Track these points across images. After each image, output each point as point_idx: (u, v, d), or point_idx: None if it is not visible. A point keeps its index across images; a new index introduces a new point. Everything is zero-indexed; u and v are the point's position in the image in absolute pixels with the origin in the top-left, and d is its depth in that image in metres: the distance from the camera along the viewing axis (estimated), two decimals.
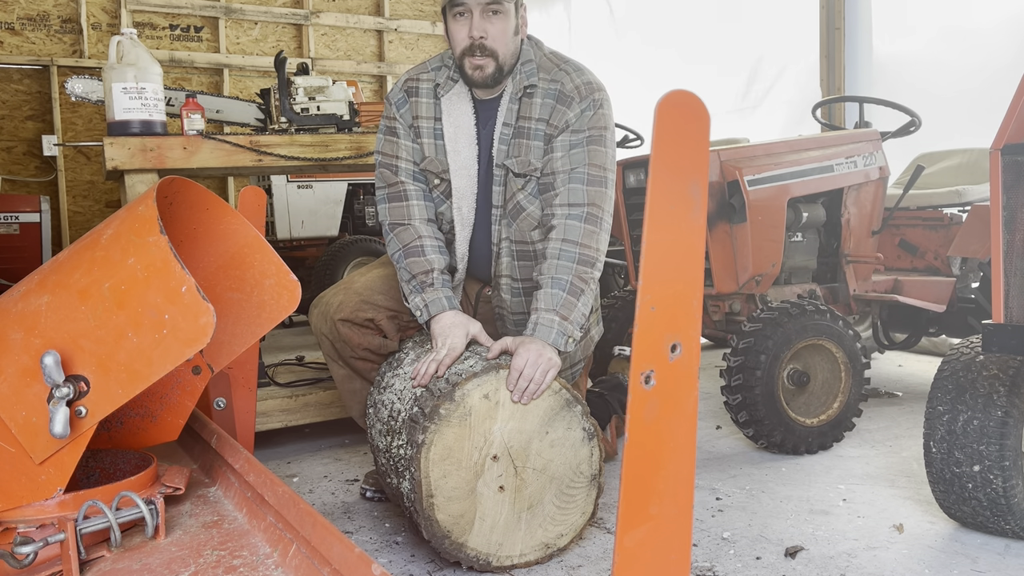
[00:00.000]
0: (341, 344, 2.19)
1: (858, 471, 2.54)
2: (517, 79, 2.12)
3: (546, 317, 1.94)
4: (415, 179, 2.19)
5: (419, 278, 2.07)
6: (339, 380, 2.28)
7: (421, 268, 2.08)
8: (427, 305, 2.03)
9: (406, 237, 2.13)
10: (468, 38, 2.05)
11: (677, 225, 0.96)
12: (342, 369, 2.26)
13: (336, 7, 7.56)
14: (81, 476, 1.57)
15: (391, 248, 2.16)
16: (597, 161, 2.07)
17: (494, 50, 2.06)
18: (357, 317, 2.16)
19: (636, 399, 0.95)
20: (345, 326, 2.17)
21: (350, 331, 2.17)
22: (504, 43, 2.07)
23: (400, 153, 2.19)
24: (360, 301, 2.17)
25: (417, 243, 2.11)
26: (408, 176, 2.18)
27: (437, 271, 2.08)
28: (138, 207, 1.43)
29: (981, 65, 4.10)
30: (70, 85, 3.48)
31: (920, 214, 3.54)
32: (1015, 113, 1.72)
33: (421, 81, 2.20)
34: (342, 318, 2.16)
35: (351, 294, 2.20)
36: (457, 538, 1.80)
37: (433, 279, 2.06)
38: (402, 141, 2.19)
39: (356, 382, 2.27)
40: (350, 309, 2.16)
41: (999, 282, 1.74)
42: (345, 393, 2.30)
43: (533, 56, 2.15)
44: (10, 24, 6.35)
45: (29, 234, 5.33)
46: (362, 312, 2.16)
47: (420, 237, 2.12)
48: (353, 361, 2.21)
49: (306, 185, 5.55)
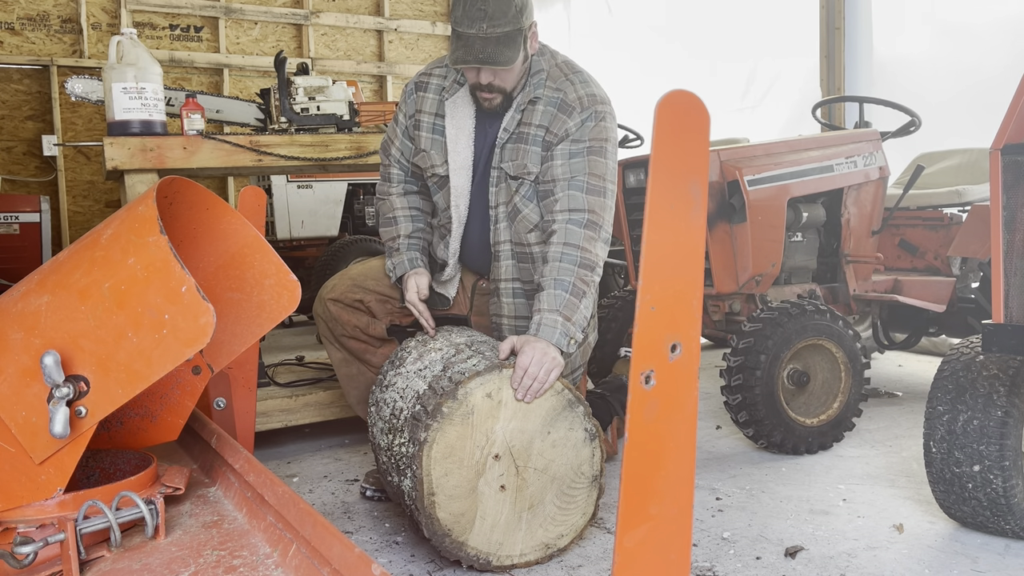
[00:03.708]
0: (333, 323, 2.35)
1: (858, 471, 2.54)
2: (526, 91, 2.15)
3: (549, 317, 1.94)
4: (399, 164, 2.37)
5: (389, 244, 2.31)
6: (336, 364, 2.42)
7: (390, 235, 2.32)
8: (395, 267, 2.27)
9: (384, 208, 2.37)
10: (476, 80, 2.10)
11: (677, 225, 0.96)
12: (338, 352, 2.40)
13: (336, 7, 7.56)
14: (81, 476, 1.57)
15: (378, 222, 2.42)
16: (597, 171, 2.09)
17: (502, 88, 2.11)
18: (347, 298, 2.34)
19: (636, 399, 0.95)
20: (335, 305, 2.34)
21: (340, 310, 2.34)
22: (512, 80, 2.11)
23: (395, 141, 2.36)
24: (352, 284, 2.35)
25: (391, 214, 2.34)
26: (395, 161, 2.37)
27: (403, 236, 2.30)
28: (138, 207, 1.43)
29: (981, 65, 4.10)
30: (70, 85, 3.48)
31: (920, 214, 3.54)
32: (1015, 113, 1.72)
33: (433, 76, 2.27)
34: (332, 298, 2.34)
35: (345, 279, 2.38)
36: (458, 537, 1.80)
37: (399, 244, 2.29)
38: (400, 132, 2.33)
39: (353, 366, 2.38)
40: (341, 291, 2.35)
41: (999, 282, 1.74)
42: (343, 378, 2.42)
43: (545, 65, 2.17)
44: (10, 24, 6.34)
45: (29, 234, 5.33)
46: (352, 294, 2.34)
47: (394, 208, 2.34)
48: (345, 340, 2.36)
49: (306, 185, 5.55)
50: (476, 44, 1.99)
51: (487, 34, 1.98)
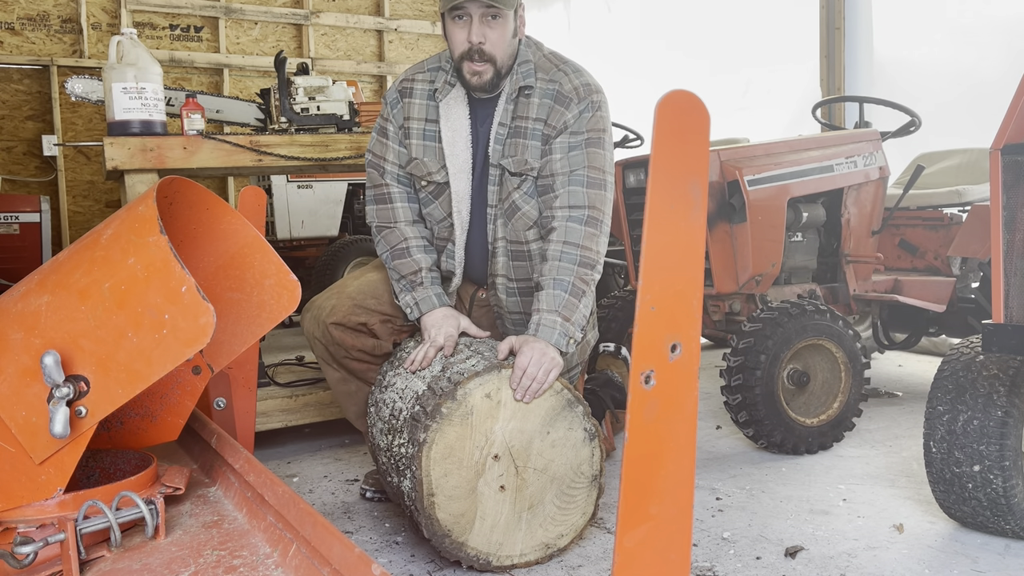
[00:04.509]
0: (335, 347, 2.19)
1: (858, 471, 2.54)
2: (514, 79, 2.12)
3: (548, 318, 1.94)
4: (399, 182, 2.23)
5: (408, 278, 2.13)
6: (334, 383, 2.28)
7: (409, 269, 2.13)
8: (417, 303, 2.09)
9: (392, 239, 2.19)
10: (467, 42, 2.05)
11: (677, 225, 0.96)
12: (336, 372, 2.26)
13: (336, 7, 7.56)
14: (81, 476, 1.57)
15: (380, 249, 2.21)
16: (596, 164, 2.08)
17: (492, 55, 2.06)
18: (350, 321, 2.17)
19: (636, 399, 0.95)
20: (338, 329, 2.17)
21: (343, 334, 2.18)
22: (502, 48, 2.07)
23: (388, 155, 2.22)
24: (353, 305, 2.18)
25: (403, 245, 2.17)
26: (393, 179, 2.22)
27: (425, 270, 2.13)
28: (138, 207, 1.43)
29: (981, 65, 4.10)
30: (70, 85, 3.48)
31: (920, 214, 3.54)
32: (1015, 113, 1.72)
33: (416, 82, 2.22)
34: (335, 321, 2.17)
35: (344, 298, 2.20)
36: (457, 537, 1.80)
37: (422, 278, 2.12)
38: (391, 144, 2.22)
39: (352, 384, 2.27)
40: (343, 313, 2.17)
41: (999, 282, 1.74)
42: (341, 395, 2.30)
43: (531, 56, 2.15)
44: (10, 24, 6.34)
45: (29, 234, 5.33)
46: (355, 316, 2.18)
47: (406, 239, 2.17)
48: (348, 362, 2.22)
49: (306, 185, 5.55)
50: None
51: None
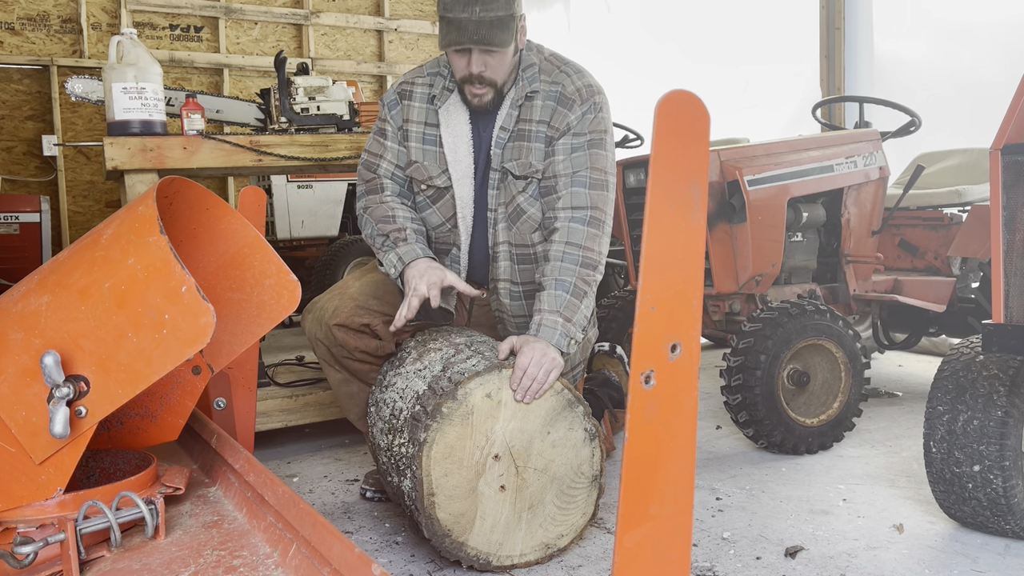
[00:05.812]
0: (337, 348, 2.19)
1: (858, 471, 2.54)
2: (520, 85, 2.13)
3: (549, 318, 1.94)
4: (394, 179, 2.22)
5: (392, 236, 2.09)
6: (335, 384, 2.28)
7: (393, 227, 2.10)
8: (400, 257, 2.05)
9: (378, 212, 2.16)
10: (467, 70, 2.05)
11: (677, 225, 0.96)
12: (338, 373, 2.25)
13: (336, 7, 7.56)
14: (81, 476, 1.57)
15: (366, 230, 2.18)
16: (599, 165, 2.08)
17: (493, 80, 2.07)
18: (353, 322, 2.16)
19: (636, 399, 0.95)
20: (341, 331, 2.17)
21: (346, 335, 2.17)
22: (503, 72, 2.07)
23: (385, 155, 2.21)
24: (356, 306, 2.18)
25: (389, 213, 2.14)
26: (387, 175, 2.21)
27: (410, 229, 2.10)
28: (138, 207, 1.43)
29: (981, 65, 4.10)
30: (70, 85, 3.47)
31: (920, 214, 3.54)
32: (1015, 113, 1.72)
33: (416, 86, 2.22)
34: (338, 323, 2.16)
35: (346, 299, 2.20)
36: (458, 537, 1.80)
37: (406, 235, 2.09)
38: (389, 144, 2.22)
39: (353, 385, 2.26)
40: (346, 314, 2.17)
41: (999, 282, 1.74)
42: (342, 397, 2.29)
43: (535, 59, 2.15)
44: (10, 24, 6.34)
45: (29, 234, 5.33)
46: (358, 317, 2.16)
47: (392, 208, 2.15)
48: (349, 363, 2.21)
49: (306, 185, 5.55)
50: (470, 27, 1.95)
51: (480, 17, 1.95)
